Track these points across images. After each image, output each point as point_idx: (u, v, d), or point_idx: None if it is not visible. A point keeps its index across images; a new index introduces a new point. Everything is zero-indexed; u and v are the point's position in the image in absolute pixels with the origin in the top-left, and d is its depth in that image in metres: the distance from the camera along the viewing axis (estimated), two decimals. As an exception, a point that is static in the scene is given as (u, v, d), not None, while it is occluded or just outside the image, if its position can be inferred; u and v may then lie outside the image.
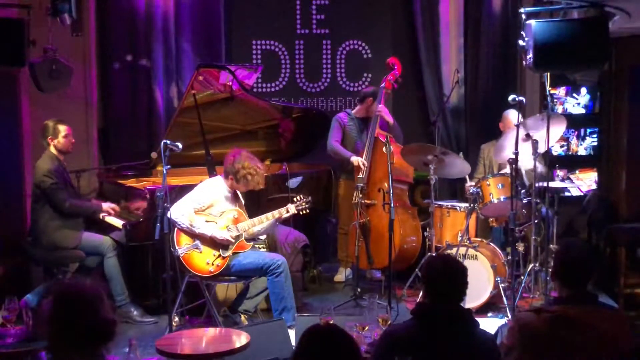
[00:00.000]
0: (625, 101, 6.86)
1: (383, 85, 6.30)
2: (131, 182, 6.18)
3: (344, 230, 6.49)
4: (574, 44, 4.87)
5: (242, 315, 5.31)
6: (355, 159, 6.18)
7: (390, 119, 6.29)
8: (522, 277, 5.70)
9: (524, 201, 5.56)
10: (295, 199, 5.35)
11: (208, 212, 5.10)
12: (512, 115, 6.04)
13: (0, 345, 4.01)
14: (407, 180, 6.35)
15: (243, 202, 5.34)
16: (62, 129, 5.53)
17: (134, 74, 6.92)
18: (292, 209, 5.27)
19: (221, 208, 5.14)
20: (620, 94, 6.90)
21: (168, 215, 4.77)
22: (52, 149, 5.51)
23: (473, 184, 5.87)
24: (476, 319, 3.01)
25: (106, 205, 5.64)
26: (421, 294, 5.24)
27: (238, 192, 5.30)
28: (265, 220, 5.23)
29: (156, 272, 5.81)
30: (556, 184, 6.43)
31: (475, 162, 6.45)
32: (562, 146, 7.18)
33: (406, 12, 7.39)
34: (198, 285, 5.11)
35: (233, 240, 5.06)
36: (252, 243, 5.27)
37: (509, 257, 5.53)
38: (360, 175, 6.07)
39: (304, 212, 5.34)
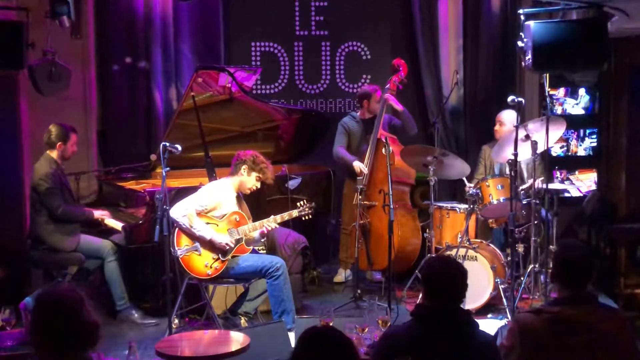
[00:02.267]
0: (624, 102, 6.86)
1: (388, 86, 6.31)
2: (130, 185, 6.18)
3: (347, 230, 6.49)
4: (573, 44, 4.87)
5: (242, 318, 5.31)
6: (356, 165, 6.21)
7: (399, 106, 6.30)
8: (522, 278, 5.70)
9: (524, 202, 5.56)
10: (298, 204, 5.34)
11: (211, 215, 5.09)
12: (505, 117, 6.06)
13: (-1, 347, 4.01)
14: (409, 182, 6.36)
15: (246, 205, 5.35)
16: (74, 137, 5.56)
17: (133, 76, 6.91)
18: (294, 213, 5.26)
19: (224, 211, 5.13)
20: (620, 94, 6.90)
21: (169, 215, 4.77)
22: (54, 153, 5.48)
23: (472, 185, 5.86)
24: (476, 320, 3.01)
25: (98, 213, 5.63)
26: (421, 295, 5.23)
27: (242, 195, 5.30)
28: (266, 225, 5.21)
29: (156, 274, 5.80)
30: (556, 185, 6.43)
31: (475, 163, 6.44)
32: (561, 147, 7.18)
33: (405, 14, 7.39)
34: (198, 288, 5.11)
35: (232, 245, 5.05)
36: (252, 247, 5.25)
37: (509, 258, 5.52)
38: (360, 177, 6.09)
39: (307, 217, 5.34)
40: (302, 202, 5.35)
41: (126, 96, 6.94)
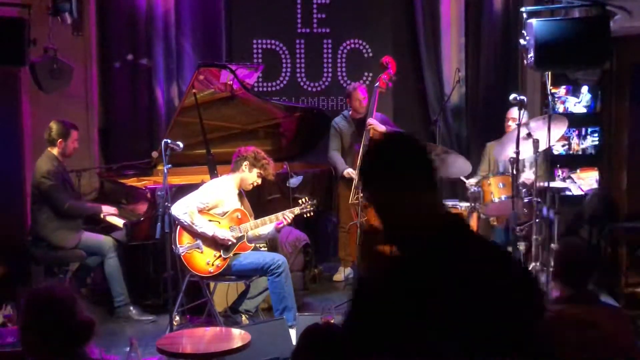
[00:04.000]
0: (626, 100, 6.84)
1: (377, 84, 6.29)
2: (132, 182, 6.18)
3: (344, 229, 6.49)
4: (575, 43, 4.87)
5: (243, 315, 5.31)
6: (346, 173, 6.24)
7: (382, 128, 6.24)
8: (523, 277, 5.68)
9: (525, 200, 5.56)
10: (300, 201, 5.34)
11: (212, 212, 5.09)
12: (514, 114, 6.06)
13: (0, 344, 4.02)
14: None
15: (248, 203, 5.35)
16: (75, 134, 5.56)
17: (134, 73, 6.91)
18: (296, 211, 5.26)
19: (226, 208, 5.13)
20: (622, 93, 6.88)
21: (170, 212, 4.77)
22: (55, 150, 5.49)
23: (473, 182, 5.85)
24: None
25: (105, 209, 5.64)
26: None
27: (243, 192, 5.30)
28: (268, 222, 5.21)
29: (157, 271, 5.81)
30: (557, 183, 6.42)
31: (476, 161, 6.42)
32: (563, 145, 7.17)
33: (407, 11, 7.38)
34: (199, 285, 5.11)
35: (234, 240, 5.05)
36: (254, 244, 5.26)
37: (510, 257, 5.51)
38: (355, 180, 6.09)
39: (309, 215, 5.34)
40: (304, 200, 5.35)
41: (128, 93, 6.93)
